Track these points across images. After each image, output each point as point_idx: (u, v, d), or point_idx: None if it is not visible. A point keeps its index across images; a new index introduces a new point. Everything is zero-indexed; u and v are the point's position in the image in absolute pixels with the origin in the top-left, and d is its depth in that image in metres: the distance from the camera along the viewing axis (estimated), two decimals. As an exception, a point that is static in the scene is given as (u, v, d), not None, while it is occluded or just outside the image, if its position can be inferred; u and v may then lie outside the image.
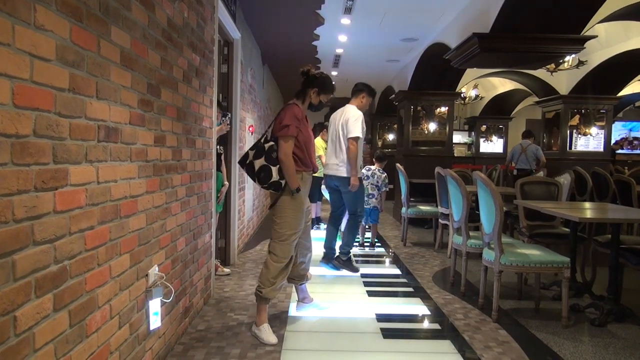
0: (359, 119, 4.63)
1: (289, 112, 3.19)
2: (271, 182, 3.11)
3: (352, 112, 4.70)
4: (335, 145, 4.75)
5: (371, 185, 6.02)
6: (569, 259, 3.41)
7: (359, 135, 4.59)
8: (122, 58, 2.04)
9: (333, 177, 4.79)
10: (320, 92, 3.35)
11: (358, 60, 8.31)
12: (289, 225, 3.18)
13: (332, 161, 4.80)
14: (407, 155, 8.48)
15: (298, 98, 3.34)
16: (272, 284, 3.15)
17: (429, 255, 5.79)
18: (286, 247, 3.19)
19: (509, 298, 4.10)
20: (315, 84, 3.32)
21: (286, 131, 3.11)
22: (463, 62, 4.97)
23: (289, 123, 3.12)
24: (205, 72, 3.56)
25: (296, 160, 3.18)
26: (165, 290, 2.60)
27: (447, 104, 8.38)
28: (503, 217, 3.40)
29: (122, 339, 2.11)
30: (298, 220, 3.20)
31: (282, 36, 6.53)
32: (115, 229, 2.01)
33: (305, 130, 3.25)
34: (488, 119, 13.16)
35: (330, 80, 3.42)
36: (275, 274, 3.17)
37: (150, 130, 2.40)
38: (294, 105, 3.26)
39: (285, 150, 3.11)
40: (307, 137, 3.25)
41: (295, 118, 3.15)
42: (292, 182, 3.12)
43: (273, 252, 3.19)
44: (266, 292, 3.13)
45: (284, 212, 3.18)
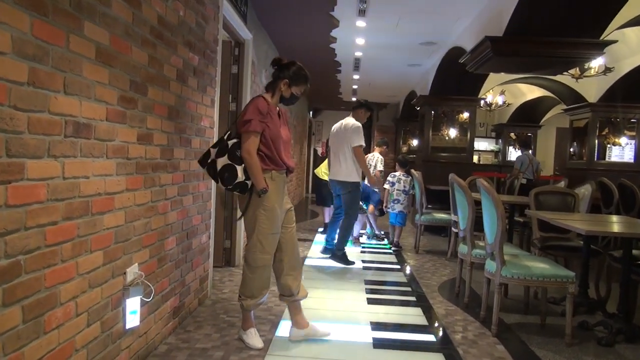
0: (358, 129, 5.23)
1: (251, 106, 2.90)
2: (236, 183, 2.84)
3: (351, 124, 5.28)
4: (337, 153, 5.31)
5: (397, 191, 6.50)
6: (573, 273, 3.24)
7: (362, 144, 5.19)
8: (99, 54, 2.03)
9: (335, 181, 5.38)
10: (291, 83, 3.00)
11: (378, 64, 8.22)
12: (258, 232, 2.90)
13: (334, 167, 5.38)
14: (426, 161, 8.33)
15: (267, 90, 3.04)
16: (252, 296, 2.98)
17: (440, 264, 5.65)
18: (258, 256, 2.93)
19: (515, 312, 3.94)
20: (286, 74, 2.99)
21: (247, 127, 2.82)
22: (477, 66, 4.83)
23: (251, 118, 2.83)
24: (206, 72, 3.55)
25: (263, 158, 2.89)
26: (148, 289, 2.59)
27: (468, 109, 8.20)
28: (506, 227, 3.26)
29: (90, 337, 2.09)
30: (271, 225, 2.91)
31: (298, 38, 6.51)
32: (85, 226, 2.00)
33: (274, 125, 2.93)
34: (516, 127, 12.82)
35: (304, 71, 3.04)
36: (252, 285, 2.96)
37: (133, 127, 2.39)
38: (259, 98, 2.95)
39: (248, 147, 2.82)
40: (275, 133, 2.93)
41: (258, 112, 2.85)
42: (258, 182, 2.83)
43: (246, 260, 2.97)
44: (247, 304, 2.99)
45: (253, 217, 2.91)
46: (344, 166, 5.22)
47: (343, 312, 3.70)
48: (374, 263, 5.56)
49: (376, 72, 8.99)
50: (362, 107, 5.46)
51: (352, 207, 5.33)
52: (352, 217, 5.37)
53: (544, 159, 14.25)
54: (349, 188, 5.24)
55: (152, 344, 2.79)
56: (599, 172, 7.92)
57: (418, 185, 6.39)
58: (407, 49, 7.04)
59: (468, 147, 8.27)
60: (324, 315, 3.61)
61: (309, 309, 3.74)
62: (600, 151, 8.45)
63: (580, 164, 8.63)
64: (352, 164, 5.19)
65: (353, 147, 5.15)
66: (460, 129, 8.28)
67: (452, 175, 4.23)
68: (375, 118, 14.52)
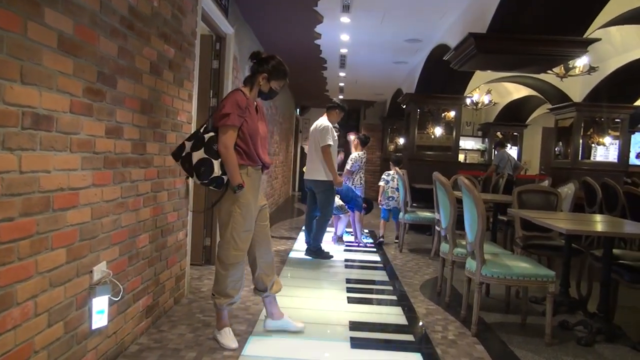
0: (326, 129, 5.38)
1: (230, 99, 2.83)
2: (212, 178, 2.77)
3: (320, 124, 5.46)
4: (312, 153, 5.50)
5: (391, 189, 6.71)
6: (554, 273, 3.21)
7: (329, 143, 5.33)
8: (61, 43, 1.94)
9: (309, 180, 5.55)
10: (270, 78, 2.95)
11: (364, 61, 8.17)
12: (235, 228, 2.86)
13: (308, 166, 5.56)
14: (412, 160, 8.31)
15: (246, 84, 2.98)
16: (225, 294, 2.93)
17: (423, 262, 5.62)
18: (231, 252, 2.87)
19: (496, 311, 3.91)
20: (265, 68, 2.93)
21: (225, 120, 2.76)
22: (462, 63, 4.80)
23: (229, 111, 2.77)
24: (183, 65, 3.47)
25: (240, 153, 2.84)
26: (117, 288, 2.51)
27: (454, 108, 8.19)
28: (485, 226, 3.22)
29: (52, 338, 2.01)
30: (245, 221, 2.88)
31: (282, 34, 6.44)
32: (45, 222, 1.91)
33: (252, 120, 2.89)
34: (502, 126, 12.86)
35: (283, 65, 3.00)
36: (226, 283, 2.90)
37: (100, 120, 2.31)
38: (238, 91, 2.89)
39: (225, 141, 2.77)
40: (253, 128, 2.88)
41: (237, 106, 2.79)
42: (234, 178, 2.78)
43: (219, 257, 2.93)
44: (220, 302, 2.94)
45: (227, 213, 2.87)
46: (316, 166, 5.40)
47: (322, 312, 3.65)
48: (356, 262, 5.51)
49: (362, 70, 8.94)
50: (335, 108, 5.59)
51: (326, 205, 5.48)
52: (327, 215, 5.52)
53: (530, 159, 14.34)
54: (322, 187, 5.40)
55: (123, 344, 2.71)
56: (583, 171, 7.95)
57: (402, 183, 6.35)
58: (392, 46, 7.00)
59: (454, 145, 8.27)
60: (302, 315, 3.54)
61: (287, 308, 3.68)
62: (585, 151, 8.49)
63: (564, 164, 8.67)
64: (321, 164, 5.37)
65: (320, 147, 5.33)
66: (446, 127, 8.27)
67: (435, 173, 4.19)
68: (363, 116, 14.48)
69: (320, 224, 5.53)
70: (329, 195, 5.45)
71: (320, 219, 5.51)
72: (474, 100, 10.79)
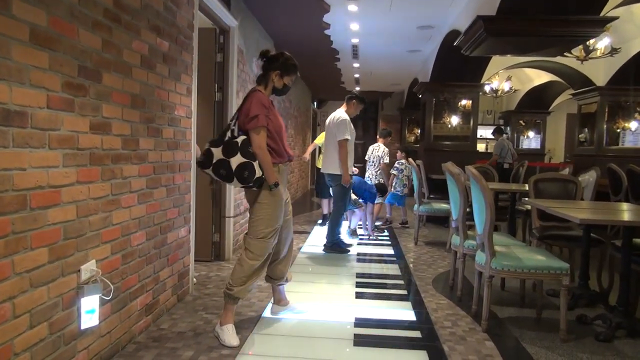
0: (344, 122, 5.19)
1: (254, 100, 2.92)
2: (256, 179, 2.86)
3: (338, 117, 5.28)
4: (328, 146, 5.36)
5: (406, 177, 7.14)
6: (568, 265, 3.05)
7: (346, 138, 5.13)
8: (34, 36, 1.88)
9: (326, 174, 5.42)
10: (283, 74, 3.05)
11: (377, 51, 8.00)
12: (267, 222, 2.96)
13: (324, 159, 5.44)
14: (428, 150, 8.12)
15: (260, 83, 3.07)
16: (243, 282, 2.95)
17: (438, 256, 5.47)
18: (263, 244, 2.97)
19: (510, 305, 3.76)
20: (277, 65, 3.03)
21: (256, 122, 2.86)
22: (472, 48, 4.61)
23: (258, 113, 2.87)
24: (179, 59, 3.40)
25: (270, 152, 2.94)
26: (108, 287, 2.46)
27: (470, 96, 7.96)
28: (494, 216, 3.07)
29: (35, 339, 1.97)
30: (277, 216, 3.00)
31: (289, 25, 6.33)
32: (22, 221, 1.86)
33: (275, 117, 3.00)
34: (524, 113, 12.52)
35: (293, 60, 3.10)
36: (249, 272, 2.96)
37: (84, 116, 2.25)
38: (258, 92, 2.98)
39: (259, 142, 2.88)
40: (277, 125, 3.00)
41: (262, 106, 2.90)
42: (270, 177, 2.90)
43: (249, 249, 2.97)
44: (237, 291, 2.93)
45: (263, 208, 2.96)
46: (333, 159, 5.27)
47: (328, 307, 3.55)
48: (369, 256, 5.39)
49: (376, 60, 8.77)
50: (352, 100, 5.42)
51: (341, 199, 5.35)
52: (342, 209, 5.40)
53: (554, 146, 13.96)
54: (337, 181, 5.27)
55: (118, 343, 2.67)
56: (608, 158, 7.65)
57: (416, 174, 6.20)
58: (404, 34, 6.82)
59: (471, 134, 8.04)
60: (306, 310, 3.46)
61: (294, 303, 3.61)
62: (610, 137, 8.16)
63: (589, 150, 8.35)
64: (337, 158, 5.22)
65: (337, 141, 5.17)
66: (463, 116, 8.04)
67: (444, 163, 4.04)
68: (380, 107, 14.29)
69: (334, 218, 5.44)
70: (344, 189, 5.30)
71: (335, 212, 5.43)
72: (493, 88, 10.51)
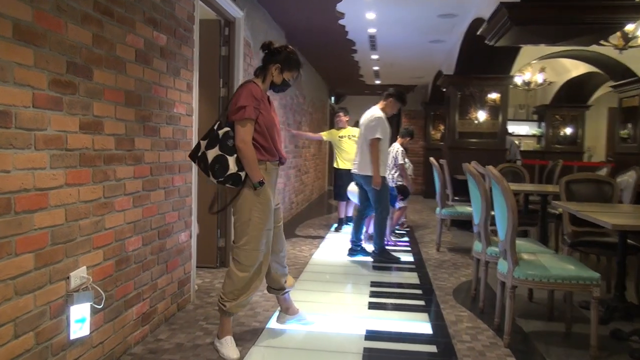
0: (377, 121, 5.17)
1: (245, 91, 2.88)
2: (228, 175, 2.80)
3: (371, 115, 5.27)
4: (361, 145, 5.31)
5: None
6: (598, 275, 2.99)
7: (377, 137, 5.09)
8: (17, 32, 1.93)
9: (357, 174, 5.38)
10: (283, 68, 3.00)
11: (397, 42, 7.96)
12: (253, 227, 2.89)
13: (357, 159, 5.39)
14: (452, 148, 8.07)
15: (258, 76, 3.03)
16: (235, 297, 2.92)
17: (462, 263, 5.42)
18: (251, 253, 2.91)
19: (538, 318, 3.70)
20: (278, 59, 2.99)
21: (243, 113, 2.81)
22: (497, 38, 4.57)
23: (246, 104, 2.82)
24: (179, 53, 3.44)
25: (258, 148, 2.88)
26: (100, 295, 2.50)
27: (499, 89, 7.88)
28: (517, 221, 3.03)
29: (20, 349, 2.01)
30: (264, 220, 2.93)
31: (301, 15, 6.35)
32: (5, 226, 1.91)
33: (267, 112, 2.95)
34: (561, 108, 12.30)
35: (296, 55, 3.07)
36: (240, 286, 2.92)
37: (73, 115, 2.29)
38: (252, 83, 2.95)
39: (243, 136, 2.81)
40: (269, 121, 2.94)
41: (252, 97, 2.85)
42: (254, 174, 2.83)
43: (237, 259, 2.93)
44: (229, 307, 2.91)
45: (247, 211, 2.90)
46: (364, 160, 5.22)
47: (337, 319, 3.55)
48: (386, 263, 5.36)
49: (396, 51, 8.72)
50: (390, 97, 5.36)
51: (379, 202, 5.26)
52: (384, 212, 5.31)
53: (594, 144, 13.70)
54: (371, 183, 5.19)
55: (112, 354, 2.72)
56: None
57: (437, 174, 6.16)
58: (425, 23, 6.76)
59: (499, 131, 7.96)
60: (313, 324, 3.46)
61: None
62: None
63: (631, 148, 8.18)
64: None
65: (368, 140, 5.14)
66: (490, 111, 7.96)
67: (466, 163, 4.00)
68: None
69: (378, 222, 5.34)
70: (382, 190, 5.21)
71: (377, 217, 5.34)
72: (525, 80, 10.37)
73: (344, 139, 6.98)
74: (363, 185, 5.37)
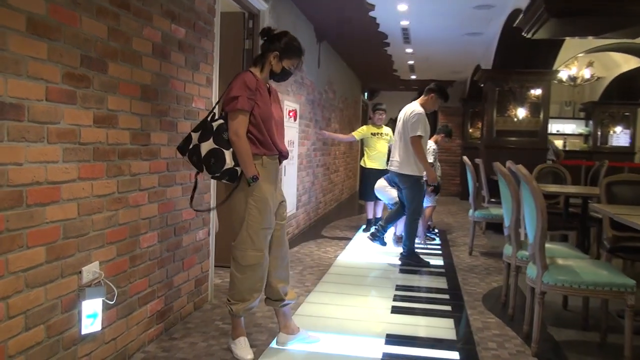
0: (418, 117, 5.13)
1: (238, 81, 2.83)
2: (224, 170, 2.77)
3: (412, 110, 5.23)
4: (398, 143, 5.34)
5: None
6: (633, 282, 2.92)
7: (419, 134, 5.09)
8: (31, 26, 2.02)
9: (394, 173, 5.42)
10: (282, 56, 2.92)
11: (431, 34, 7.91)
12: (251, 225, 2.86)
13: (394, 157, 5.41)
14: (489, 147, 7.97)
15: (256, 65, 2.98)
16: (242, 299, 2.94)
17: (494, 268, 5.36)
18: (246, 253, 2.88)
19: (572, 327, 3.65)
20: (276, 46, 2.92)
21: (234, 104, 2.76)
22: (534, 30, 4.51)
23: (238, 94, 2.77)
24: (198, 46, 3.52)
25: (253, 141, 2.84)
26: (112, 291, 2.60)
27: (541, 84, 7.74)
28: (546, 224, 2.99)
29: (31, 342, 2.11)
30: (263, 217, 2.88)
31: (330, 6, 6.39)
32: (17, 218, 2.01)
33: (264, 103, 2.88)
34: (611, 105, 11.98)
35: (297, 42, 2.99)
36: (242, 287, 2.92)
37: (87, 109, 2.39)
38: (247, 72, 2.90)
39: (236, 128, 2.77)
40: (266, 113, 2.88)
41: (246, 87, 2.79)
42: (247, 169, 2.79)
43: (235, 260, 2.94)
44: (236, 309, 2.94)
45: (241, 209, 2.87)
46: (401, 158, 5.26)
47: (358, 323, 3.58)
48: (414, 266, 5.35)
49: (431, 45, 8.66)
50: (431, 93, 5.33)
51: (412, 202, 5.30)
52: (416, 213, 5.36)
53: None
54: (406, 182, 5.26)
55: (125, 351, 2.81)
56: None
57: (471, 174, 6.10)
58: (460, 15, 6.70)
59: (540, 129, 7.82)
60: (334, 325, 3.50)
61: (318, 317, 3.68)
62: None
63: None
64: (408, 157, 5.19)
65: (409, 138, 5.13)
66: (531, 108, 7.83)
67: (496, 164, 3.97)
68: (440, 99, 14.06)
69: (410, 224, 5.37)
70: (416, 190, 5.27)
71: (409, 217, 5.37)
72: (570, 75, 10.15)
73: (376, 137, 7.00)
74: (399, 184, 5.40)
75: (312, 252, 5.80)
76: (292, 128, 6.31)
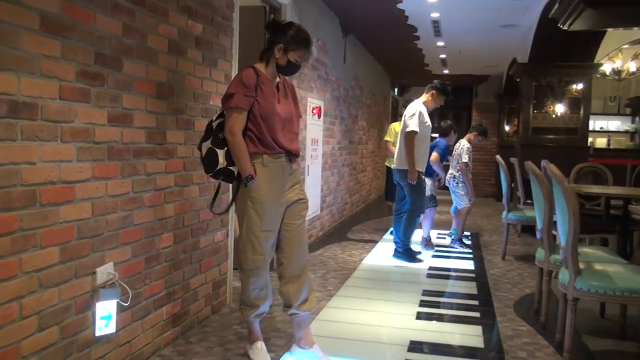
0: (415, 113, 5.40)
1: (236, 78, 2.89)
2: (218, 170, 2.83)
3: (410, 107, 5.59)
4: (401, 139, 5.59)
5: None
6: (673, 288, 2.87)
7: (413, 130, 5.34)
8: (44, 24, 2.10)
9: (395, 170, 5.71)
10: (287, 48, 2.87)
11: (464, 27, 7.86)
12: (249, 228, 2.86)
13: (397, 154, 5.66)
14: (525, 145, 7.88)
15: (261, 60, 2.95)
16: (250, 304, 2.97)
17: (528, 273, 5.30)
18: (246, 255, 2.90)
19: (609, 336, 3.59)
20: (281, 38, 2.87)
21: (229, 102, 2.78)
22: (570, 21, 4.44)
23: (233, 91, 2.79)
24: (216, 43, 3.59)
25: (252, 139, 2.83)
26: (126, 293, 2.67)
27: (581, 79, 7.62)
28: (578, 226, 2.96)
29: (44, 343, 2.19)
30: (261, 219, 2.84)
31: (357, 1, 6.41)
32: (30, 218, 2.09)
33: (265, 100, 2.85)
34: (659, 99, 11.69)
35: (303, 33, 2.93)
36: (248, 291, 2.95)
37: (101, 107, 2.46)
38: (247, 69, 2.89)
39: (231, 126, 2.78)
40: (267, 110, 2.84)
41: (242, 84, 2.79)
42: (243, 168, 2.80)
43: (239, 263, 2.99)
44: (245, 313, 3.00)
45: (242, 210, 2.89)
46: (401, 154, 5.52)
47: (381, 329, 3.60)
48: (443, 270, 5.34)
49: (464, 37, 8.61)
50: (432, 90, 5.58)
51: (414, 199, 5.52)
52: (417, 210, 5.58)
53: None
54: (406, 178, 5.45)
55: (140, 355, 2.88)
56: None
57: (504, 174, 6.05)
58: (494, 6, 6.64)
59: (581, 126, 7.69)
60: (356, 331, 3.53)
61: (341, 322, 3.71)
62: None
63: None
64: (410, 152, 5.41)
65: (404, 132, 5.44)
66: (570, 103, 7.71)
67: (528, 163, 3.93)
68: (474, 94, 13.95)
69: (409, 220, 5.57)
70: (415, 187, 5.47)
71: (409, 213, 5.55)
72: (615, 69, 9.94)
73: None
74: (399, 180, 5.62)
75: (336, 255, 5.83)
76: (315, 126, 6.35)
